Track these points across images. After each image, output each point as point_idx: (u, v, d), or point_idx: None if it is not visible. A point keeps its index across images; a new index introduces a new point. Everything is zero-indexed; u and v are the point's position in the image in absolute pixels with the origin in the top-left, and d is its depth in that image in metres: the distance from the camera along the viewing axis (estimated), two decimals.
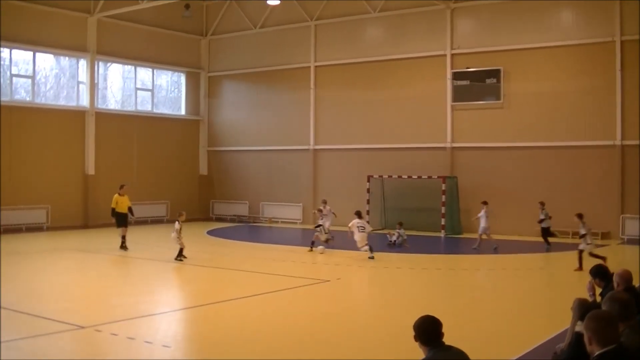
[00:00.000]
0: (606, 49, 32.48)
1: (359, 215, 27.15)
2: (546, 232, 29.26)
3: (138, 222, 39.68)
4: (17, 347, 12.95)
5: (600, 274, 11.12)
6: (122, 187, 29.66)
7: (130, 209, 29.07)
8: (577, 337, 9.20)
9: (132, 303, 17.39)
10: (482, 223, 29.23)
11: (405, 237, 29.93)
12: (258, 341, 13.49)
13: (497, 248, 28.61)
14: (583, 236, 23.00)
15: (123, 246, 27.93)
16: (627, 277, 10.40)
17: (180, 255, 24.92)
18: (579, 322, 9.66)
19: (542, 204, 29.46)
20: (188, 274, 23.74)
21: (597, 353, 6.06)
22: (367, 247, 25.66)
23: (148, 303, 17.80)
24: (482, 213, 29.44)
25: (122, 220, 28.56)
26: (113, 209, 28.84)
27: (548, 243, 28.99)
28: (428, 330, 6.70)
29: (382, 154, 38.07)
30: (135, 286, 20.33)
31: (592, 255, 22.45)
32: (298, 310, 16.87)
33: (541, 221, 29.20)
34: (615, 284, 10.35)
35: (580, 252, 22.67)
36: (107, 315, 15.58)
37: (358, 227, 26.23)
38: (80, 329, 14.20)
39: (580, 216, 23.73)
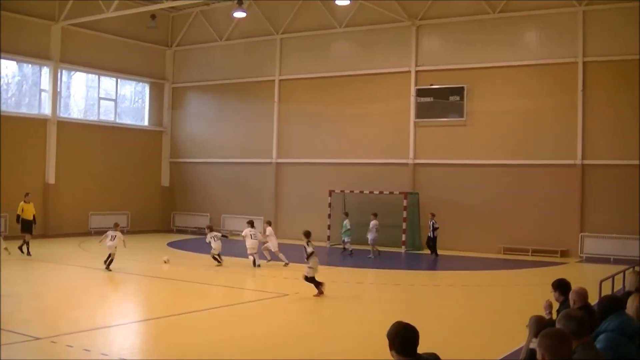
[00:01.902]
0: (569, 69, 32.81)
1: (251, 224, 28.95)
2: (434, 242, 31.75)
3: (98, 232, 39.44)
4: None
5: (562, 287, 11.15)
6: (27, 194, 30.98)
7: (34, 217, 30.42)
8: (532, 354, 9.26)
9: (89, 315, 17.24)
10: (371, 234, 31.59)
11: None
12: (215, 355, 13.42)
13: (371, 258, 31.04)
14: (310, 255, 20.90)
15: (27, 252, 28.94)
16: (583, 294, 10.49)
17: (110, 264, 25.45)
18: (534, 339, 9.72)
19: (433, 215, 31.79)
20: (146, 286, 23.64)
21: None
22: (254, 257, 27.61)
23: (105, 315, 17.64)
24: (371, 225, 31.57)
25: (27, 226, 29.84)
26: (18, 216, 30.16)
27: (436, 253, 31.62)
28: (407, 339, 6.32)
29: (345, 168, 38.11)
30: (92, 297, 20.15)
31: (306, 279, 20.71)
32: (256, 323, 16.82)
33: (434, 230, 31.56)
34: (571, 302, 10.42)
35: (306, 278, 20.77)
36: (63, 327, 15.44)
37: (250, 234, 28.07)
38: (36, 340, 14.06)
39: (307, 234, 21.78)
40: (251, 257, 27.65)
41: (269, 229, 29.22)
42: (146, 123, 45.38)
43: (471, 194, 34.84)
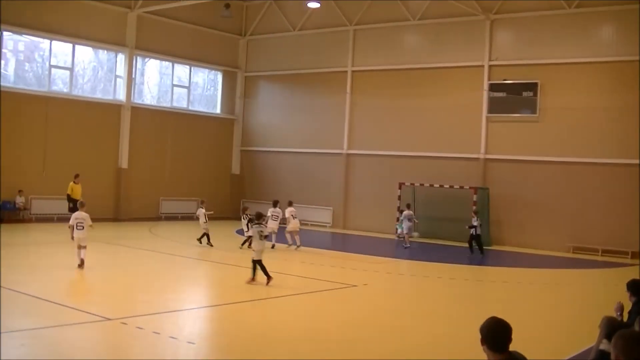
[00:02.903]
0: None
1: (274, 204, 29.96)
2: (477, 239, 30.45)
3: (168, 217, 40.01)
4: (43, 335, 13.07)
5: (635, 288, 10.93)
6: (77, 176, 32.61)
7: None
8: (601, 355, 9.13)
9: (159, 298, 17.48)
10: (405, 224, 32.56)
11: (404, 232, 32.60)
12: (282, 342, 13.50)
13: (407, 247, 31.76)
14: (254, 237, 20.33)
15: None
16: None
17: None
18: (604, 340, 9.58)
19: (476, 212, 30.80)
20: (216, 272, 23.86)
21: None
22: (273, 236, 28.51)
23: (175, 299, 17.86)
24: (404, 215, 32.60)
25: (76, 206, 30.27)
26: (68, 195, 31.57)
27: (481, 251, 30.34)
28: (499, 334, 6.33)
29: (415, 161, 37.94)
30: (162, 282, 20.40)
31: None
32: (324, 313, 16.86)
33: (473, 227, 30.30)
34: None
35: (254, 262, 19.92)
36: (133, 309, 15.68)
37: (272, 215, 29.00)
38: (107, 321, 14.29)
39: (258, 216, 20.64)
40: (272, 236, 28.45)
41: (287, 210, 29.71)
42: (218, 111, 45.74)
43: (541, 190, 34.40)
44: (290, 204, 30.40)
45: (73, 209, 30.31)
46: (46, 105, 36.05)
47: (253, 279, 19.65)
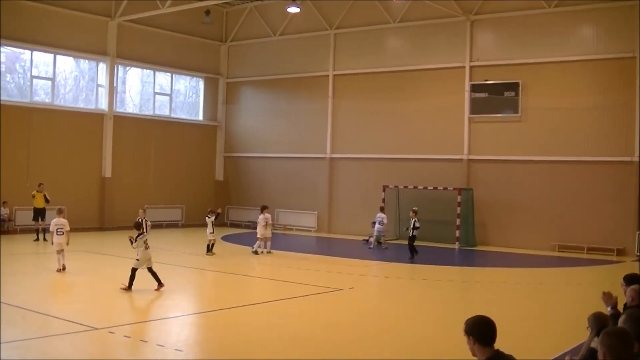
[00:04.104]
0: (626, 64, 32.23)
1: (261, 209, 29.97)
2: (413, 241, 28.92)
3: (154, 225, 39.88)
4: (29, 347, 13.04)
5: (634, 282, 10.91)
6: (39, 185, 32.86)
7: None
8: (592, 353, 9.15)
9: (146, 306, 17.50)
10: (378, 226, 33.27)
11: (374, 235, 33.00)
12: (270, 347, 13.51)
13: (372, 248, 32.26)
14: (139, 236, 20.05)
15: (44, 237, 31.30)
16: None
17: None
18: (595, 338, 9.59)
19: (415, 212, 29.31)
20: (202, 279, 23.87)
21: None
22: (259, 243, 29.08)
23: (162, 307, 17.87)
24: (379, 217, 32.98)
25: (37, 215, 32.42)
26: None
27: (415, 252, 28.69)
28: (487, 328, 6.54)
29: (399, 164, 38.00)
30: (148, 290, 20.35)
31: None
32: (311, 318, 16.86)
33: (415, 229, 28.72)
34: (629, 299, 10.27)
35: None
36: (120, 318, 15.66)
37: (261, 221, 29.23)
38: (94, 330, 14.27)
39: (137, 226, 20.79)
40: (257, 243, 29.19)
41: (260, 216, 29.58)
42: (201, 118, 45.72)
43: (526, 190, 34.50)
44: (262, 209, 30.11)
45: (35, 218, 32.04)
46: (29, 116, 35.98)
47: (128, 288, 19.05)
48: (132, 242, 19.55)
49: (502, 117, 35.27)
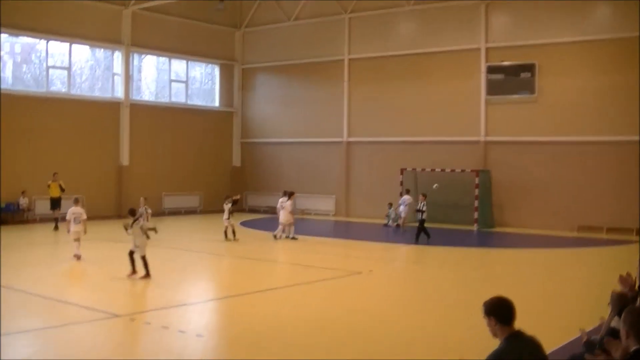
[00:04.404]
0: None
1: (284, 194, 30.16)
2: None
3: (171, 212, 40.07)
4: (52, 335, 13.12)
5: None
6: (54, 174, 32.69)
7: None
8: (612, 332, 9.12)
9: (167, 293, 17.53)
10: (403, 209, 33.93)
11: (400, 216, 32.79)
12: (290, 332, 13.54)
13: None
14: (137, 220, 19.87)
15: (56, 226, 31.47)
16: None
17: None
18: (616, 317, 9.56)
19: (424, 195, 29.19)
20: (221, 265, 23.93)
21: (633, 349, 6.02)
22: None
23: (182, 293, 17.94)
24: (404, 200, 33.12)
25: (53, 204, 32.57)
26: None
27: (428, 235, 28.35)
28: (506, 308, 6.68)
29: (416, 147, 37.90)
30: (168, 276, 20.44)
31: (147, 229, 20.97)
32: (331, 301, 16.87)
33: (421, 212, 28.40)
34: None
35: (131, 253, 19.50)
36: (141, 305, 15.75)
37: (282, 206, 29.22)
38: (115, 318, 14.34)
39: (132, 212, 20.40)
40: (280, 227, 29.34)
41: (279, 201, 29.83)
42: (217, 104, 45.75)
43: (544, 171, 34.35)
44: (284, 194, 30.29)
45: (52, 207, 32.19)
46: (45, 106, 36.08)
47: (134, 271, 19.07)
48: (127, 229, 19.50)
49: (518, 99, 35.13)
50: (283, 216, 29.07)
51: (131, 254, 19.19)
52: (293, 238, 28.46)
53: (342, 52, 41.15)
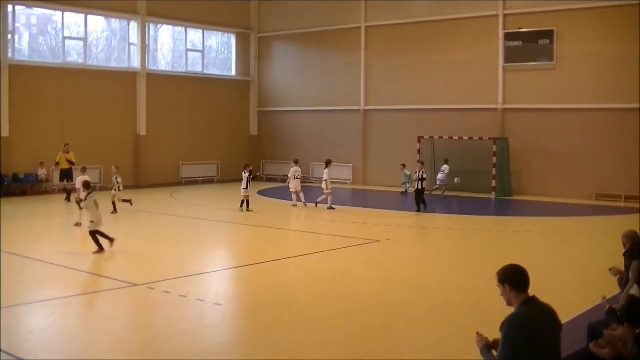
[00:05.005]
0: None
1: (295, 162, 30.87)
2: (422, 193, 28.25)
3: (188, 182, 40.17)
4: (72, 303, 13.23)
5: None
6: (65, 145, 32.87)
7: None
8: (632, 301, 9.10)
9: (184, 261, 17.60)
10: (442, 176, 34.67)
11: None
12: (309, 300, 13.60)
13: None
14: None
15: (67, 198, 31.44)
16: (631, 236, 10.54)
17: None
18: (635, 285, 9.54)
19: (422, 163, 29.25)
20: (239, 233, 23.97)
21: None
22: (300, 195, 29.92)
23: (199, 262, 18.02)
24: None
25: (64, 175, 32.57)
26: (57, 164, 32.82)
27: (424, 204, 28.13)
28: (520, 274, 6.70)
29: (433, 114, 37.75)
30: (186, 245, 20.53)
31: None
32: (349, 269, 16.89)
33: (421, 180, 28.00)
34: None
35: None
36: (159, 274, 15.77)
37: (294, 174, 30.11)
38: (133, 287, 14.42)
39: (86, 185, 19.92)
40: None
41: (290, 170, 30.48)
42: (233, 73, 45.67)
43: (561, 138, 34.17)
44: (295, 162, 30.58)
45: (61, 179, 32.35)
46: (62, 77, 36.13)
47: (100, 249, 18.32)
48: (79, 203, 19.14)
49: (536, 65, 34.89)
50: (293, 184, 29.82)
51: (93, 233, 18.51)
52: (330, 207, 28.47)
53: (359, 20, 40.91)
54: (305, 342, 10.87)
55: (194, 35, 43.56)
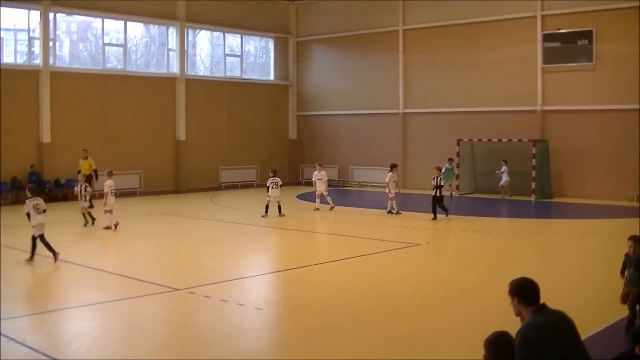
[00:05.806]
0: None
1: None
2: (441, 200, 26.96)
3: (228, 186, 40.35)
4: (114, 308, 13.34)
5: None
6: (84, 151, 32.21)
7: (95, 172, 31.90)
8: None
9: (225, 266, 17.70)
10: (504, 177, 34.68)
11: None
12: (351, 305, 13.60)
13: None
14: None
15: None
16: None
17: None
18: None
19: (439, 169, 27.88)
20: (279, 238, 24.02)
21: None
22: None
23: (240, 266, 18.09)
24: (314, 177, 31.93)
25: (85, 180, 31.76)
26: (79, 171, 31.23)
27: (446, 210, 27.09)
28: (530, 289, 6.83)
29: (472, 117, 37.64)
30: (227, 249, 20.63)
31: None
32: (390, 273, 16.91)
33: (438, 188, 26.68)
34: None
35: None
36: (200, 278, 15.88)
37: (317, 178, 30.68)
38: (174, 291, 14.53)
39: (32, 190, 18.56)
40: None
41: (314, 174, 31.01)
42: (272, 77, 45.82)
43: (602, 139, 33.88)
44: (320, 166, 30.72)
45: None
46: (102, 83, 36.50)
47: (32, 258, 17.66)
48: (29, 217, 18.43)
49: (575, 66, 34.65)
50: (319, 186, 30.44)
51: (36, 238, 17.78)
52: (398, 213, 28.12)
53: (397, 23, 40.88)
54: (346, 345, 10.88)
55: (232, 40, 43.80)
